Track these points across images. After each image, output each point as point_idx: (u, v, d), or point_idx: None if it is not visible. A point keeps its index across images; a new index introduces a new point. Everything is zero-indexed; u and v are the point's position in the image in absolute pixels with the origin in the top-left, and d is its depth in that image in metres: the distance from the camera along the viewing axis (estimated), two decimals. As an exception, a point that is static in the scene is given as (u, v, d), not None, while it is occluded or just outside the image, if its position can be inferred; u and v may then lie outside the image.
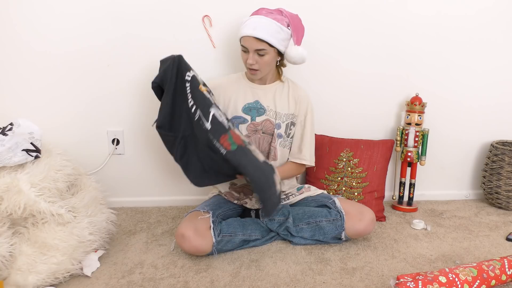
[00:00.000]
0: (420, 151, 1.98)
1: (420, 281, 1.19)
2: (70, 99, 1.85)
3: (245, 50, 1.56)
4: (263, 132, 1.66)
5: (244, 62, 1.60)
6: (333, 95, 1.98)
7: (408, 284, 1.18)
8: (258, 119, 1.65)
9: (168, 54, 1.82)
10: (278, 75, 1.70)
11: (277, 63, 1.64)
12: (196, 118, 1.45)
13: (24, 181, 1.34)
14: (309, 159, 1.70)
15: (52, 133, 1.76)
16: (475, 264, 1.30)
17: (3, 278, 1.26)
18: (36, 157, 1.45)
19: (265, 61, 1.56)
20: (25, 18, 1.74)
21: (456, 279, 1.22)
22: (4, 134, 1.41)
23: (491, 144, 2.05)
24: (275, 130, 1.66)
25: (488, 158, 2.06)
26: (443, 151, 2.11)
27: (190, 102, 1.48)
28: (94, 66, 1.82)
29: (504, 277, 1.30)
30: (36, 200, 1.32)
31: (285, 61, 1.67)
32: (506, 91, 2.08)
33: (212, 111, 1.45)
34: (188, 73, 1.50)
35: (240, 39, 1.57)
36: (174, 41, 1.82)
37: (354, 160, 1.89)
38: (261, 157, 1.47)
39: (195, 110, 1.46)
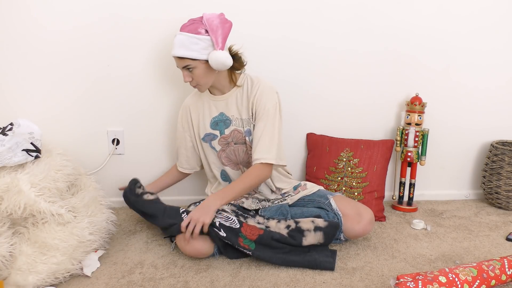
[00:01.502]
0: (420, 151, 1.98)
1: (420, 281, 1.19)
2: (70, 99, 1.85)
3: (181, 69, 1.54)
4: (235, 143, 1.64)
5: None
6: (333, 95, 1.98)
7: (408, 284, 1.18)
8: (227, 131, 1.63)
9: (168, 54, 1.83)
10: (233, 80, 1.60)
11: (215, 70, 1.53)
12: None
13: (24, 181, 1.33)
14: (261, 156, 1.53)
15: (52, 133, 1.76)
16: (475, 264, 1.30)
17: (3, 278, 1.26)
18: (36, 157, 1.45)
19: (198, 74, 1.51)
20: (25, 18, 1.74)
21: (456, 279, 1.22)
22: (4, 134, 1.41)
23: (491, 144, 2.06)
24: (246, 137, 1.62)
25: (488, 158, 2.06)
26: (443, 151, 2.11)
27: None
28: (94, 66, 1.82)
29: (504, 277, 1.30)
30: (36, 200, 1.32)
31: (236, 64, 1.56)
32: (506, 91, 2.08)
33: (217, 220, 1.45)
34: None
35: None
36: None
37: (354, 160, 1.89)
38: (283, 230, 1.48)
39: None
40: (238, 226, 1.46)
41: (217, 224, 1.44)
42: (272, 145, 1.54)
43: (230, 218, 1.47)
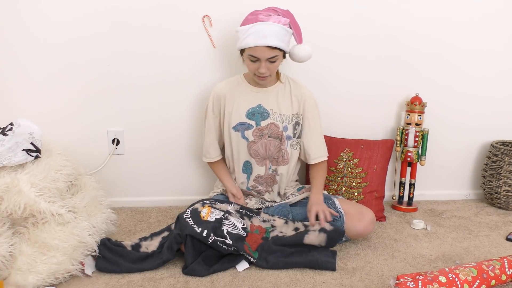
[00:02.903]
0: (420, 151, 1.98)
1: (420, 281, 1.19)
2: (70, 99, 1.85)
3: (255, 60, 1.51)
4: (269, 137, 1.64)
5: (252, 71, 1.55)
6: (333, 95, 1.98)
7: (408, 284, 1.18)
8: (263, 123, 1.63)
9: (168, 54, 1.83)
10: (277, 75, 1.67)
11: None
12: (211, 241, 1.40)
13: (24, 181, 1.33)
14: (325, 153, 1.73)
15: (52, 133, 1.76)
16: (475, 264, 1.30)
17: (3, 278, 1.26)
18: (36, 157, 1.45)
19: (275, 66, 1.54)
20: (25, 18, 1.74)
21: (456, 279, 1.22)
22: (4, 134, 1.41)
23: (491, 144, 2.05)
24: (283, 132, 1.64)
25: (488, 158, 2.06)
26: (443, 151, 2.11)
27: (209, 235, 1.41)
28: (94, 66, 1.82)
29: (504, 277, 1.30)
30: (36, 200, 1.32)
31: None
32: (506, 91, 2.08)
33: (225, 227, 1.44)
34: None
35: (245, 49, 1.52)
36: (174, 41, 1.82)
37: (354, 160, 1.89)
38: (290, 232, 1.52)
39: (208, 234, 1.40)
40: (245, 235, 1.46)
41: (225, 232, 1.43)
42: (324, 143, 1.74)
43: (236, 226, 1.47)
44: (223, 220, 1.44)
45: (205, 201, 1.53)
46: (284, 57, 1.59)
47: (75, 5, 1.75)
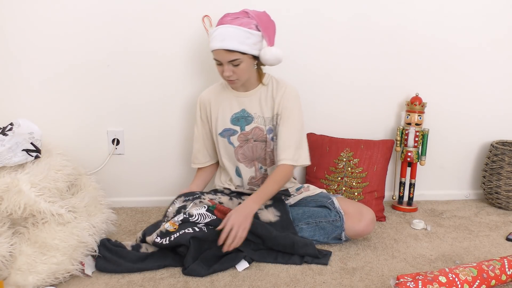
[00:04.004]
0: (420, 151, 1.98)
1: (420, 281, 1.19)
2: (70, 99, 1.85)
3: (219, 63, 1.52)
4: (254, 140, 1.65)
5: (220, 74, 1.55)
6: (333, 95, 1.98)
7: (408, 284, 1.18)
8: (248, 128, 1.64)
9: (168, 54, 1.83)
10: (260, 78, 1.63)
11: (255, 66, 1.58)
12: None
13: (24, 181, 1.33)
14: (289, 157, 1.57)
15: (52, 133, 1.76)
16: (475, 264, 1.30)
17: (3, 278, 1.26)
18: (36, 157, 1.45)
19: (241, 69, 1.51)
20: (25, 18, 1.74)
21: (456, 279, 1.22)
22: (4, 134, 1.41)
23: (491, 144, 2.05)
24: (267, 135, 1.64)
25: (488, 158, 2.06)
26: (443, 151, 2.11)
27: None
28: (94, 66, 1.82)
29: (504, 277, 1.30)
30: (36, 200, 1.32)
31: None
32: (506, 91, 2.08)
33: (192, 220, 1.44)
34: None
35: (212, 51, 1.52)
36: (174, 41, 1.83)
37: (354, 160, 1.89)
38: (271, 217, 1.54)
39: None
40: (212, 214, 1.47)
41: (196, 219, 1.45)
42: (298, 146, 1.59)
43: (203, 214, 1.47)
44: (189, 218, 1.45)
45: (163, 220, 1.54)
46: (256, 59, 1.55)
47: (75, 5, 1.75)
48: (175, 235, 1.41)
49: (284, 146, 1.58)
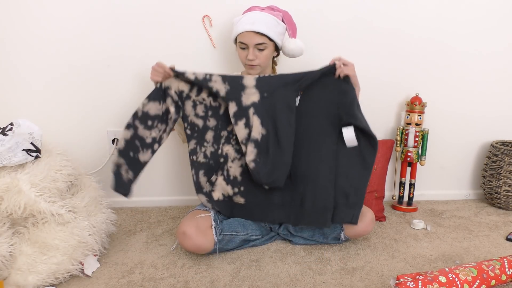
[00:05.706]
0: (420, 151, 1.98)
1: (420, 281, 1.19)
2: (70, 99, 1.85)
3: (244, 47, 1.56)
4: None
5: (242, 59, 1.59)
6: (333, 95, 1.98)
7: (408, 284, 1.18)
8: None
9: (168, 54, 1.83)
10: (273, 71, 1.70)
11: (273, 57, 1.65)
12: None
13: (24, 181, 1.33)
14: None
15: (52, 133, 1.76)
16: (475, 264, 1.30)
17: (3, 278, 1.26)
18: (36, 157, 1.45)
19: (264, 55, 1.56)
20: (25, 18, 1.74)
21: (456, 279, 1.22)
22: (4, 134, 1.41)
23: (491, 144, 2.06)
24: None
25: (488, 158, 2.06)
26: (443, 151, 2.11)
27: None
28: (94, 66, 1.82)
29: (504, 277, 1.30)
30: (36, 200, 1.32)
31: (276, 59, 1.69)
32: (506, 91, 2.08)
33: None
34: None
35: (237, 36, 1.56)
36: (174, 41, 1.83)
37: (354, 160, 1.89)
38: None
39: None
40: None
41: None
42: None
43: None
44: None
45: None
46: (277, 51, 1.62)
47: (75, 5, 1.75)
48: None
49: None
